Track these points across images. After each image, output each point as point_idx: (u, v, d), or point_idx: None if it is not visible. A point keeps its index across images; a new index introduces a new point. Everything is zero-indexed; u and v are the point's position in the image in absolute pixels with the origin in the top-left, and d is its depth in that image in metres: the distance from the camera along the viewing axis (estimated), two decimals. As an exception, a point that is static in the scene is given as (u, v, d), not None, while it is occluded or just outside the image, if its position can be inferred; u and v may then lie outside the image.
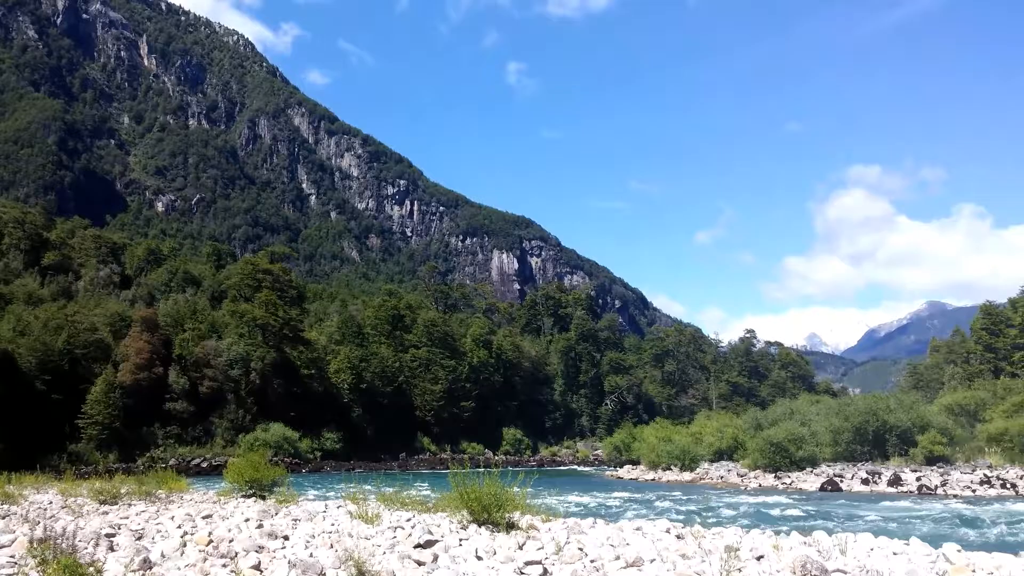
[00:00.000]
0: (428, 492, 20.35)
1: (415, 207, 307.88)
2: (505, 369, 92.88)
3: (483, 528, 12.39)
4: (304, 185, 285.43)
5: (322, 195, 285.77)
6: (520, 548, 10.90)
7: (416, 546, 10.73)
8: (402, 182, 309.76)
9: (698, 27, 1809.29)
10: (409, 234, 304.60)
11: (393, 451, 73.06)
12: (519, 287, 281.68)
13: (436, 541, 10.95)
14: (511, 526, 12.54)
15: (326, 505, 17.89)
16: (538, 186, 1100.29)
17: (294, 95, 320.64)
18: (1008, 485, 31.16)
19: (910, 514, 22.84)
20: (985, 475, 35.52)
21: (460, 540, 11.29)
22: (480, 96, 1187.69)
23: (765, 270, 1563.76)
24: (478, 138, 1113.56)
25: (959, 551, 10.79)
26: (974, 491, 30.56)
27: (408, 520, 13.58)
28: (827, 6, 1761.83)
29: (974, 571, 9.87)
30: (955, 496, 29.50)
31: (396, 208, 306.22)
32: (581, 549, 10.72)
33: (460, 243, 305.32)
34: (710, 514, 23.74)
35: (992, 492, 30.12)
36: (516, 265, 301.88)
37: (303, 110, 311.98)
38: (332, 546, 10.84)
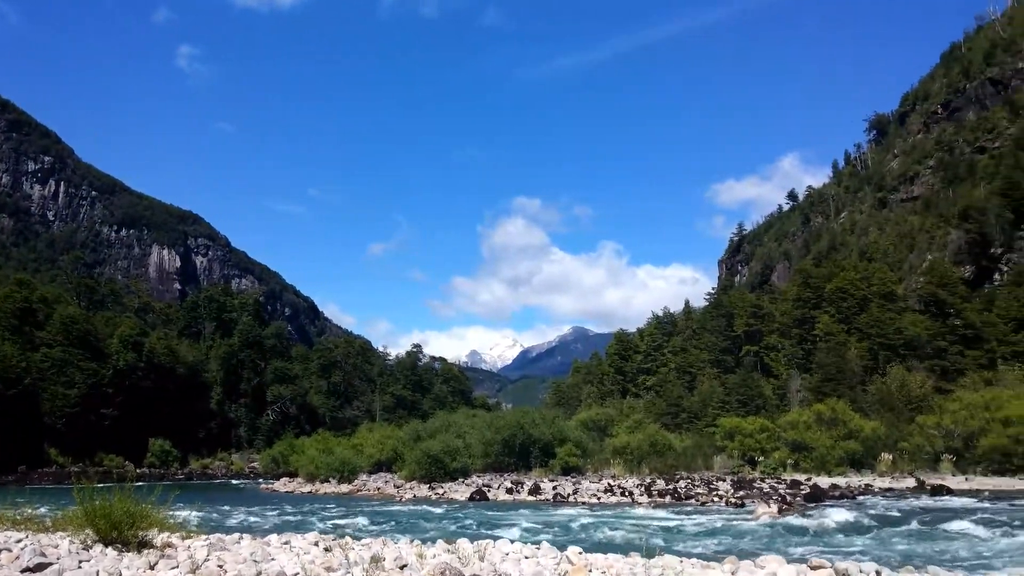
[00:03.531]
0: (47, 509, 18.04)
1: (61, 188, 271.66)
2: (157, 374, 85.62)
3: (110, 548, 11.19)
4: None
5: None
6: (151, 568, 10.01)
7: (24, 570, 9.39)
8: (47, 159, 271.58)
9: (386, 41, 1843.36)
10: (52, 218, 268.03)
11: (11, 464, 63.74)
12: (180, 287, 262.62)
13: (50, 564, 9.66)
14: (144, 545, 11.47)
15: (-91, 528, 15.02)
16: (208, 181, 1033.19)
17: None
18: (627, 493, 35.30)
19: (545, 520, 24.86)
20: (609, 484, 39.94)
21: (80, 562, 10.07)
22: (145, 75, 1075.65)
23: (434, 288, 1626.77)
24: (141, 120, 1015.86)
25: (580, 552, 11.96)
26: (599, 498, 34.09)
27: (18, 541, 11.83)
28: (513, 43, 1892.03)
29: (591, 570, 10.96)
30: (584, 503, 32.70)
31: (37, 187, 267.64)
32: (221, 567, 10.11)
33: (114, 234, 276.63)
34: (363, 525, 23.84)
35: (613, 499, 33.83)
36: (178, 263, 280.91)
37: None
38: (-91, 577, 9.11)
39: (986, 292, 70.20)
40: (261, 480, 66.35)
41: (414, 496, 39.11)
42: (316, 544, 12.97)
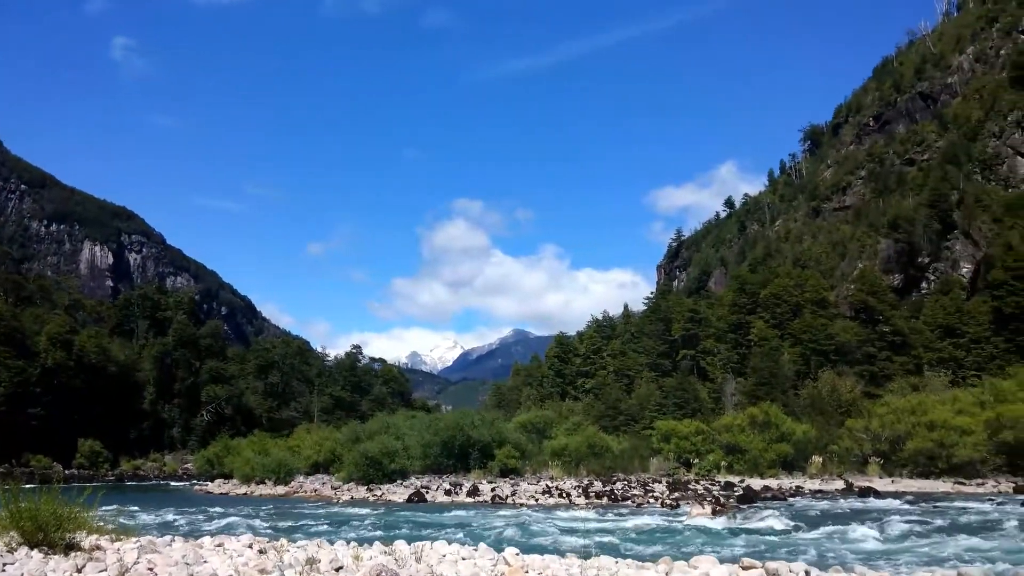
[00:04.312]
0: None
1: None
2: (87, 374, 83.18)
3: (36, 551, 10.88)
4: None
5: None
6: (79, 571, 9.78)
7: (-58, 576, 9.09)
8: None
9: (328, 37, 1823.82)
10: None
11: (-71, 465, 61.26)
12: (112, 284, 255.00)
13: (-29, 568, 9.38)
14: (71, 547, 11.18)
15: None
16: (144, 176, 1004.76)
17: None
18: (564, 494, 35.52)
19: (483, 521, 24.91)
20: (547, 486, 40.15)
21: (4, 565, 9.79)
22: (78, 66, 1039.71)
23: (374, 288, 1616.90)
24: (74, 112, 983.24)
25: (517, 554, 12.05)
26: (537, 500, 34.26)
27: (-63, 546, 11.42)
28: (458, 43, 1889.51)
29: (527, 572, 11.06)
30: (522, 504, 32.80)
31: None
32: (151, 569, 9.93)
33: (43, 228, 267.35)
34: (300, 527, 23.57)
35: (551, 501, 34.03)
36: (111, 260, 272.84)
37: None
38: None
39: (914, 300, 72.75)
40: (195, 482, 64.91)
41: (351, 498, 38.75)
42: (250, 546, 12.80)
